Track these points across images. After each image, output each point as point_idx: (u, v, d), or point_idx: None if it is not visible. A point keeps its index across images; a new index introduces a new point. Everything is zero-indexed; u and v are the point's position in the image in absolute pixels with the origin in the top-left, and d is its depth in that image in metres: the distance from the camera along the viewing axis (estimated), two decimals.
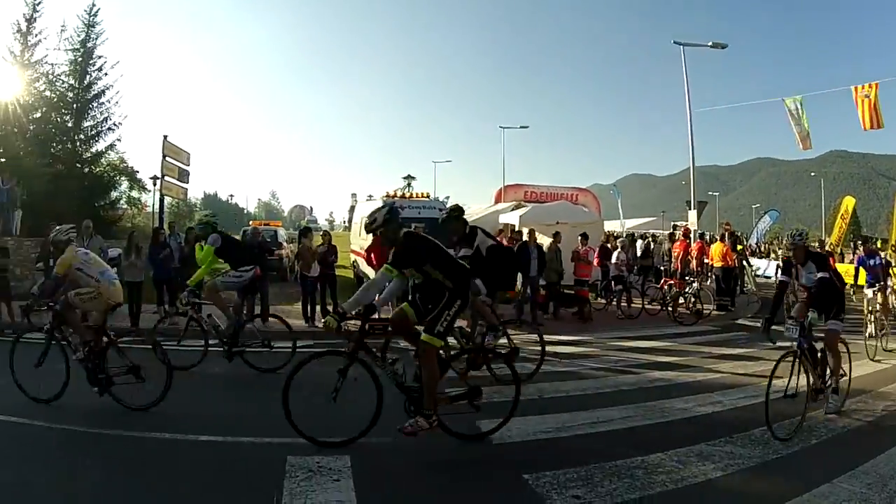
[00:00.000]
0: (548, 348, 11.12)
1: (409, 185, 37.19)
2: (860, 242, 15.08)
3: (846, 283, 11.41)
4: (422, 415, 6.42)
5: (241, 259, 11.53)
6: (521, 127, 53.11)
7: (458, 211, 10.60)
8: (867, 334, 13.97)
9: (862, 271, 15.29)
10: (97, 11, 37.52)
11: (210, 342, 10.72)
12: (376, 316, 7.05)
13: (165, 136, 24.24)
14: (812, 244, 14.77)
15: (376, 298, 6.73)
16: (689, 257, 19.85)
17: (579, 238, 18.15)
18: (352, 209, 73.43)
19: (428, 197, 22.67)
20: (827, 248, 28.66)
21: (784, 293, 8.83)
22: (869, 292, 14.81)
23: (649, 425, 7.51)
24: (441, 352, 6.84)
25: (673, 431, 7.32)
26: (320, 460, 5.93)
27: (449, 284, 6.66)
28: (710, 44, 27.47)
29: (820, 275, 7.98)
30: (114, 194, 39.80)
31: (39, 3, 36.58)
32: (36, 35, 36.60)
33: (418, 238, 6.93)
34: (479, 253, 9.86)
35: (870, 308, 14.48)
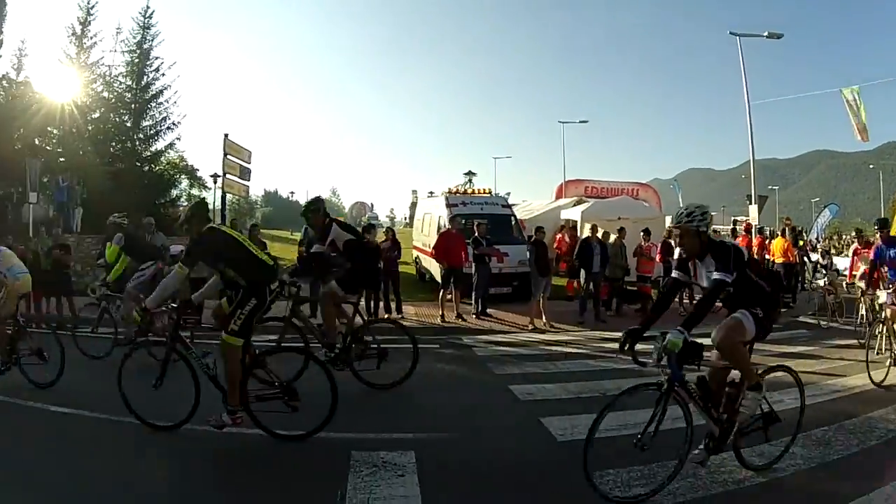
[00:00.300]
0: (610, 346, 10.98)
1: (470, 181, 37.14)
2: (875, 228, 12.31)
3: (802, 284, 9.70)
4: (226, 410, 6.46)
5: (143, 256, 11.67)
6: (581, 121, 52.66)
7: (314, 204, 9.93)
8: (871, 349, 10.15)
9: (859, 266, 13.45)
10: (151, 13, 38.08)
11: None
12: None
13: (226, 135, 24.12)
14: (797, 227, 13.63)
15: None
16: (752, 253, 19.35)
17: (641, 234, 17.70)
18: (413, 205, 73.44)
19: (489, 193, 22.57)
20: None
21: (674, 295, 6.44)
22: (883, 294, 10.34)
23: None
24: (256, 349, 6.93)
25: None
26: (385, 455, 5.88)
27: (242, 282, 6.70)
28: (765, 34, 26.85)
29: (716, 276, 5.42)
30: (174, 192, 40.30)
31: (93, 6, 37.36)
32: (91, 38, 37.32)
33: (217, 234, 6.84)
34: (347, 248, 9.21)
35: (880, 315, 10.60)
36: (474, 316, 15.63)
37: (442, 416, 7.25)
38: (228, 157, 24.24)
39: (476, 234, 15.64)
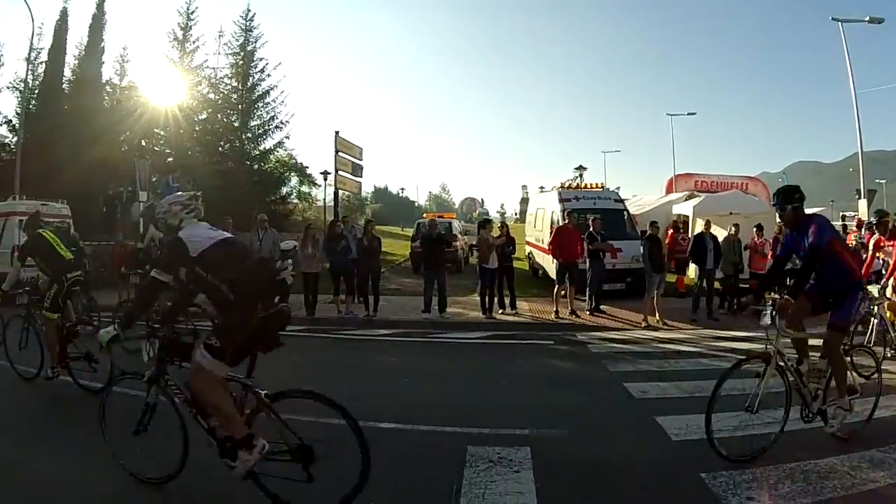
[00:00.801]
0: (723, 344, 11.16)
1: (580, 175, 36.75)
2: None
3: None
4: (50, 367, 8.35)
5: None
6: (689, 114, 51.70)
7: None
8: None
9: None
10: (252, 17, 39.29)
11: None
12: None
13: (337, 132, 24.80)
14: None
15: None
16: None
17: (754, 229, 17.28)
18: (523, 201, 72.92)
19: (602, 188, 22.37)
20: None
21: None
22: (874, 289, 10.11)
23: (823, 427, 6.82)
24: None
25: None
26: (501, 451, 5.91)
27: (50, 274, 8.68)
28: (867, 18, 26.11)
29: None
30: (284, 189, 41.38)
31: (193, 12, 38.93)
32: (193, 42, 38.92)
33: (37, 238, 8.68)
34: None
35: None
36: (588, 312, 15.53)
37: (557, 413, 7.26)
38: (340, 153, 24.70)
39: (591, 230, 15.53)
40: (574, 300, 15.59)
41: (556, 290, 15.48)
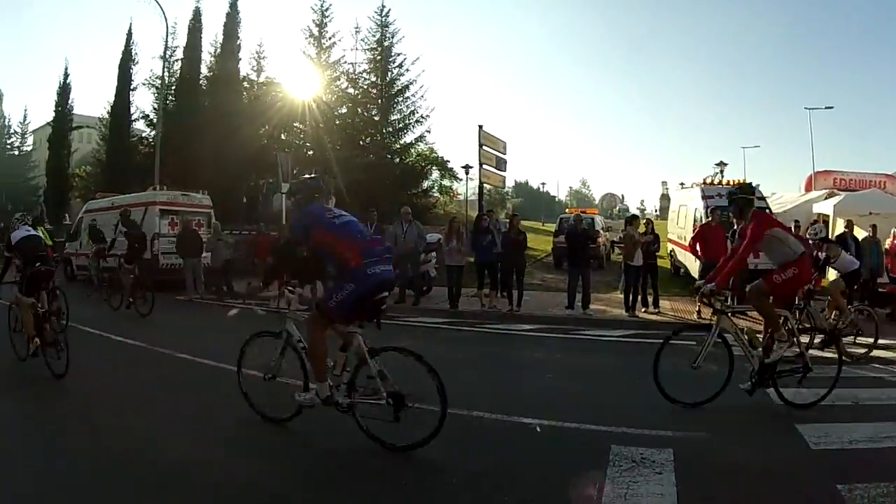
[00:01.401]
0: (862, 351, 11.14)
1: (721, 171, 36.16)
2: None
3: None
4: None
5: None
6: (826, 108, 50.23)
7: None
8: None
9: None
10: (388, 12, 40.26)
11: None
12: None
13: (480, 126, 25.11)
14: None
15: None
16: None
17: (893, 230, 16.77)
18: (663, 197, 71.86)
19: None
20: None
21: None
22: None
23: None
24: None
25: None
26: (644, 452, 5.93)
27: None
28: None
29: None
30: (425, 183, 42.30)
31: (327, 9, 40.42)
32: (329, 38, 40.34)
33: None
34: None
35: None
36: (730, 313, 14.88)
37: (700, 415, 7.34)
38: (484, 147, 24.99)
39: (735, 228, 15.20)
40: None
41: None
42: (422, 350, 6.22)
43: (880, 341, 12.07)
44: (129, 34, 46.00)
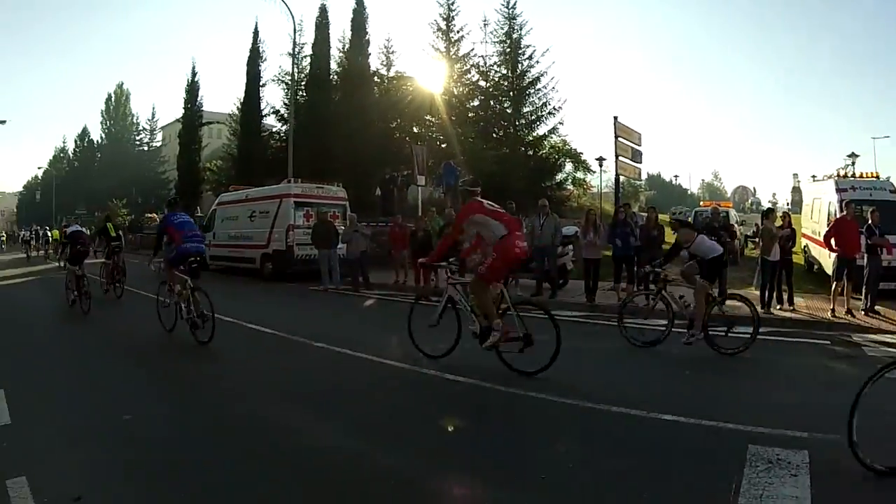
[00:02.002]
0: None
1: (853, 163, 35.06)
2: None
3: None
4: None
5: None
6: None
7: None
8: None
9: None
10: (514, 4, 40.38)
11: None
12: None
13: (616, 117, 25.02)
14: None
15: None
16: None
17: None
18: (794, 190, 69.86)
19: (877, 177, 21.42)
20: None
21: None
22: None
23: None
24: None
25: None
26: (780, 453, 5.84)
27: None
28: None
29: None
30: (559, 176, 42.61)
31: (453, 2, 41.05)
32: (457, 32, 41.05)
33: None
34: None
35: None
36: (863, 312, 14.56)
37: (833, 417, 6.47)
38: (620, 139, 24.92)
39: (869, 222, 14.83)
40: (850, 298, 14.89)
41: (833, 287, 14.86)
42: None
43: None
44: (256, 32, 48.08)
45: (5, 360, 10.57)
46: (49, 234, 42.79)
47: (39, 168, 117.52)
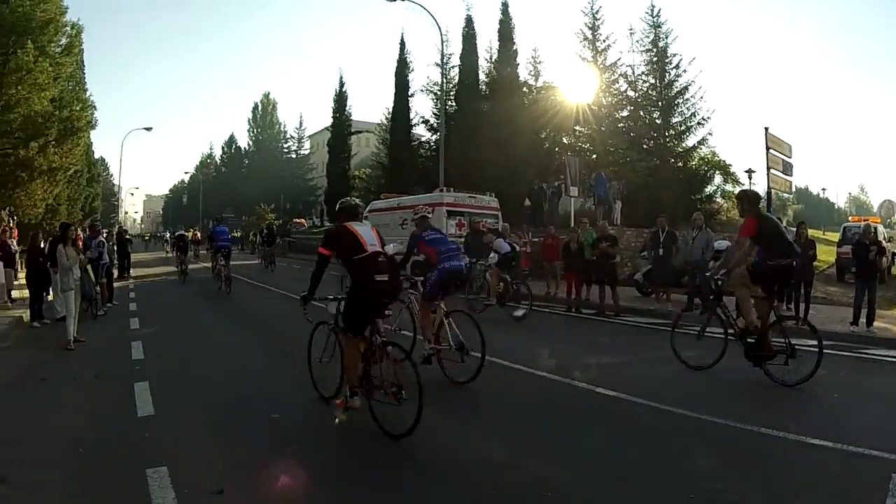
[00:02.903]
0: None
1: None
2: None
3: None
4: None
5: None
6: None
7: None
8: None
9: None
10: (658, 12, 40.16)
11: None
12: None
13: (766, 128, 24.86)
14: None
15: None
16: None
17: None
18: None
19: None
20: None
21: None
22: None
23: None
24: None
25: None
26: None
27: None
28: None
29: None
30: (708, 188, 41.27)
31: (597, 11, 41.08)
32: (603, 41, 41.01)
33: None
34: None
35: None
36: None
37: None
38: (771, 151, 24.65)
39: None
40: None
41: None
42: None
43: None
44: (402, 43, 49.60)
45: (150, 353, 11.36)
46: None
47: (186, 173, 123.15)
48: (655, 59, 39.87)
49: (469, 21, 43.00)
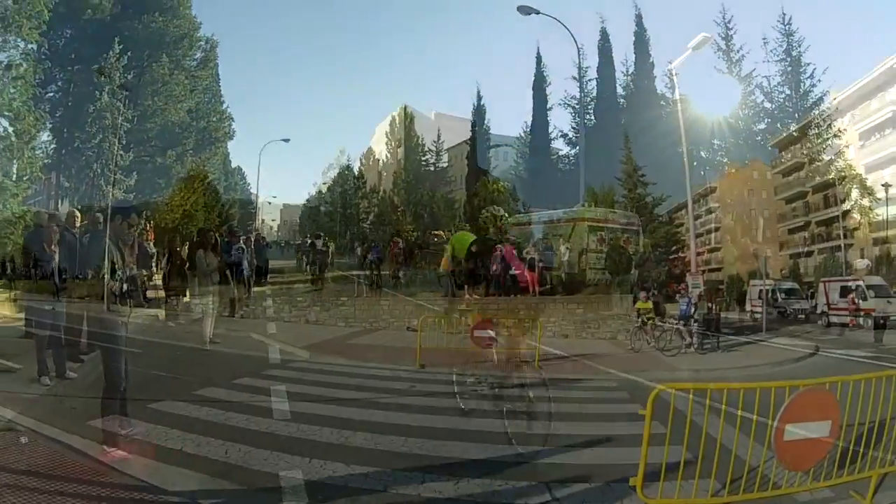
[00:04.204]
0: None
1: None
2: None
3: None
4: None
5: None
6: None
7: None
8: None
9: None
10: (790, 20, 39.91)
11: None
12: None
13: None
14: None
15: None
16: None
17: None
18: None
19: None
20: None
21: None
22: None
23: None
24: None
25: None
26: None
27: None
28: None
29: None
30: (846, 204, 39.65)
31: (729, 21, 41.01)
32: (737, 51, 40.89)
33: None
34: None
35: None
36: None
37: None
38: None
39: None
40: None
41: None
42: None
43: None
44: (539, 58, 49.95)
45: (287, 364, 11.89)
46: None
47: (325, 184, 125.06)
48: (790, 69, 39.70)
49: (604, 34, 43.78)
